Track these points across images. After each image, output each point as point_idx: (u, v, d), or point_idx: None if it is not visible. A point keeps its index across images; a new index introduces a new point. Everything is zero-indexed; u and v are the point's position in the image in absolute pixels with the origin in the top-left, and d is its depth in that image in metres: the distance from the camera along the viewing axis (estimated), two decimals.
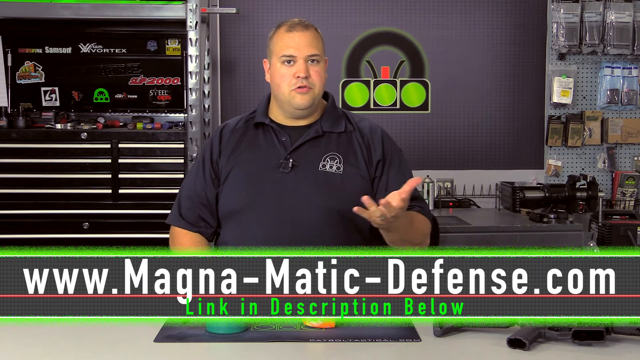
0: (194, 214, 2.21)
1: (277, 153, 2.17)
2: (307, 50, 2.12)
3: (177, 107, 3.96)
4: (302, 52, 2.12)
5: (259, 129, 2.23)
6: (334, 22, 4.16)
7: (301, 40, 2.12)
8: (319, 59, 2.15)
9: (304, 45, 2.12)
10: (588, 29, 4.11)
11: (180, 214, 2.23)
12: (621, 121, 4.23)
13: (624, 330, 1.68)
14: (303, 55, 2.12)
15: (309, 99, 2.13)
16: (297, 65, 2.12)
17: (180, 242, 2.21)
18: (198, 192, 2.21)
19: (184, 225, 2.21)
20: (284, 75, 2.13)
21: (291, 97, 2.14)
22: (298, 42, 2.12)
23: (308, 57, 2.12)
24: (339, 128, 2.22)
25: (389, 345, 1.71)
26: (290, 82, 2.12)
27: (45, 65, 3.90)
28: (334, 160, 2.17)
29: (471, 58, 4.23)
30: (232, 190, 2.17)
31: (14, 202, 3.55)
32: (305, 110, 2.17)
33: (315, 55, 2.13)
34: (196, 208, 2.21)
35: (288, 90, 2.13)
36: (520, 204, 3.77)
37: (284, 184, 2.13)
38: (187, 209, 2.22)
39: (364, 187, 2.17)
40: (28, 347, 1.71)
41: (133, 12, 3.59)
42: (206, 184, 2.21)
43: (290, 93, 2.13)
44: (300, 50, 2.12)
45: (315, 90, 2.14)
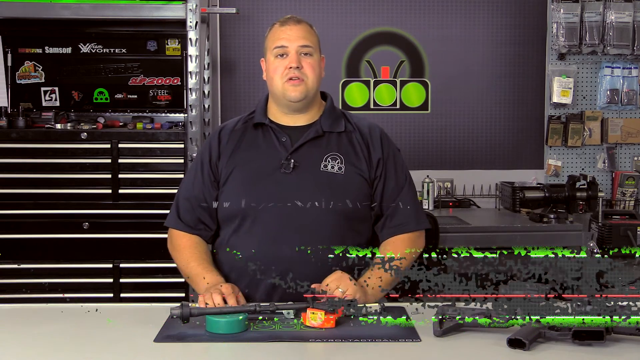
0: (193, 217, 2.21)
1: (278, 154, 2.16)
2: (299, 41, 2.14)
3: (177, 107, 3.95)
4: (294, 43, 2.13)
5: (258, 130, 2.22)
6: (334, 22, 4.16)
7: (293, 33, 2.15)
8: (312, 51, 2.15)
9: (295, 37, 2.14)
10: (588, 29, 4.11)
11: (178, 216, 2.22)
12: (621, 121, 4.23)
13: (624, 330, 1.68)
14: (295, 46, 2.13)
15: (301, 90, 2.14)
16: (289, 57, 2.13)
17: (179, 243, 2.20)
18: (197, 195, 2.21)
19: (182, 227, 2.21)
20: (277, 68, 2.14)
21: (284, 89, 2.14)
22: (290, 34, 2.14)
23: (300, 47, 2.13)
24: (339, 128, 2.22)
25: (389, 345, 1.71)
26: (283, 73, 2.13)
27: (45, 65, 3.90)
28: (335, 160, 2.17)
29: (471, 58, 4.23)
30: (233, 191, 2.16)
31: (14, 202, 3.54)
32: (299, 102, 2.16)
33: (307, 46, 2.14)
34: (195, 210, 2.20)
35: (281, 82, 2.14)
36: (520, 204, 3.77)
37: (286, 185, 2.13)
38: (185, 211, 2.21)
39: (364, 187, 2.17)
40: (28, 347, 1.71)
41: (133, 12, 3.58)
42: (205, 186, 2.20)
43: (284, 85, 2.14)
44: (291, 41, 2.13)
45: (309, 82, 2.14)
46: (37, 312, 2.01)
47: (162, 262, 3.54)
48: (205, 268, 2.11)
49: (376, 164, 2.19)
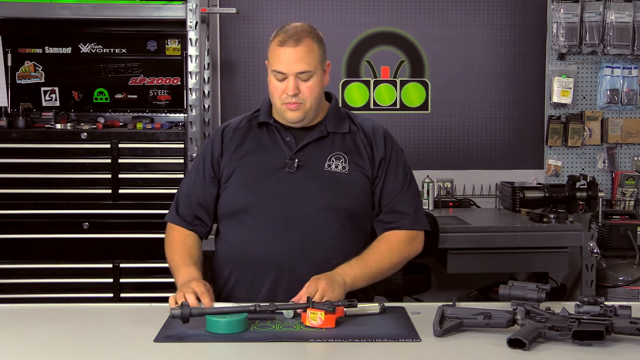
0: (190, 213, 2.22)
1: (282, 153, 2.16)
2: (296, 67, 2.08)
3: (177, 107, 3.95)
4: (292, 69, 2.08)
5: (263, 129, 2.23)
6: (334, 22, 4.16)
7: (291, 57, 2.08)
8: (311, 75, 2.10)
9: (293, 62, 2.08)
10: (588, 29, 4.11)
11: (177, 211, 2.24)
12: (621, 121, 4.23)
13: (624, 330, 1.68)
14: (292, 72, 2.08)
15: (299, 114, 2.13)
16: (286, 82, 2.09)
17: (172, 237, 2.22)
18: (196, 192, 2.22)
19: (179, 222, 2.23)
20: (276, 88, 2.12)
21: (282, 110, 2.14)
22: (288, 58, 2.08)
23: (297, 74, 2.09)
24: (343, 129, 2.22)
25: (389, 345, 1.71)
26: (281, 96, 2.11)
27: (45, 65, 3.90)
28: (339, 160, 2.17)
29: (471, 58, 4.23)
30: (236, 189, 2.17)
31: (14, 202, 3.54)
32: (297, 123, 2.16)
33: (305, 72, 2.09)
34: (193, 207, 2.22)
35: (279, 104, 2.13)
36: (520, 204, 3.77)
37: (290, 184, 2.13)
38: (184, 208, 2.23)
39: (368, 187, 2.18)
40: (28, 347, 1.71)
41: (133, 12, 3.58)
42: (205, 183, 2.21)
43: (282, 107, 2.13)
44: (289, 67, 2.08)
45: (307, 105, 2.13)
46: (37, 312, 2.01)
47: (162, 262, 3.49)
48: (184, 262, 2.10)
49: (379, 163, 2.19)
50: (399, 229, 2.18)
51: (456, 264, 3.47)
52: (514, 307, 1.79)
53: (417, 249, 2.21)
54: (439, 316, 1.79)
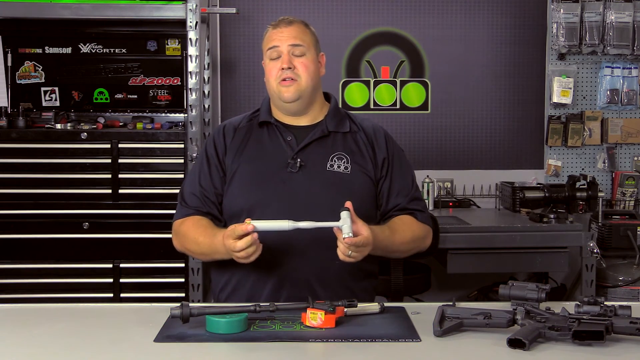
0: (200, 204, 2.17)
1: (284, 153, 2.17)
2: (290, 40, 2.15)
3: (177, 107, 3.95)
4: (285, 42, 2.15)
5: (264, 128, 2.23)
6: (334, 22, 4.16)
7: (284, 33, 2.17)
8: (304, 50, 2.16)
9: (286, 37, 2.16)
10: (588, 29, 4.11)
11: (184, 206, 2.19)
12: (621, 121, 4.23)
13: (624, 330, 1.68)
14: (286, 45, 2.15)
15: (294, 91, 2.14)
16: (281, 58, 2.15)
17: (184, 231, 2.15)
18: (204, 188, 2.18)
19: (192, 212, 2.16)
20: (271, 70, 2.17)
21: (279, 91, 2.16)
22: (281, 34, 2.17)
23: (291, 47, 2.14)
24: (344, 128, 2.22)
25: (389, 345, 1.71)
26: (277, 75, 2.15)
27: (45, 65, 3.90)
28: (341, 160, 2.18)
29: (471, 58, 4.22)
30: (240, 189, 2.16)
31: (14, 202, 3.54)
32: (294, 103, 2.16)
33: (298, 45, 2.15)
34: (203, 203, 2.18)
35: (275, 84, 2.16)
36: (520, 204, 3.76)
37: (292, 184, 2.13)
38: (191, 202, 2.19)
39: (370, 187, 2.19)
40: (28, 347, 1.71)
41: (133, 12, 3.58)
42: (212, 180, 2.19)
43: (278, 87, 2.15)
44: (282, 40, 2.15)
45: (302, 82, 2.15)
46: (37, 312, 2.01)
47: (162, 262, 3.55)
48: (213, 234, 2.06)
49: (381, 163, 2.20)
50: (413, 218, 2.21)
51: (456, 264, 3.47)
52: (514, 307, 1.79)
53: (427, 245, 2.26)
54: (439, 316, 1.79)
